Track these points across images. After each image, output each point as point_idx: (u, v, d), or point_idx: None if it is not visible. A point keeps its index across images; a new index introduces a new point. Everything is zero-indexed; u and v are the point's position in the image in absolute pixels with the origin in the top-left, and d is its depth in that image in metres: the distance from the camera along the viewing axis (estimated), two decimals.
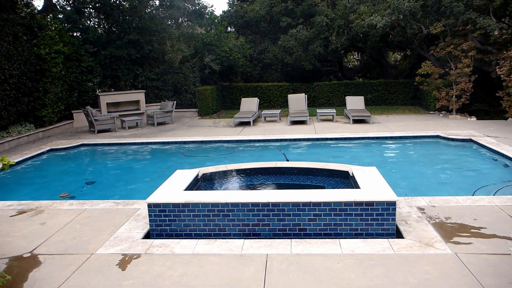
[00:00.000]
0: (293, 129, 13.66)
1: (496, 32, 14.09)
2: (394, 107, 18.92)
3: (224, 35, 20.08)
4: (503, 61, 13.99)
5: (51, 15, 16.99)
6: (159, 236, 5.27)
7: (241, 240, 5.02)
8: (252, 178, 7.44)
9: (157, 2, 21.26)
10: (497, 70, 14.20)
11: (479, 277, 4.00)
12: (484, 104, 16.94)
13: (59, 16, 17.37)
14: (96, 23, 19.49)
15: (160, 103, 17.72)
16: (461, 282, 3.94)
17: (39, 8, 18.82)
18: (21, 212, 6.36)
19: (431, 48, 16.51)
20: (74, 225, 5.77)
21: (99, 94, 16.82)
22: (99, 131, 14.62)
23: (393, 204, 4.94)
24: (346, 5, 18.56)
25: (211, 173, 7.19)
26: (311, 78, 22.25)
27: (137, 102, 17.46)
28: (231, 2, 25.48)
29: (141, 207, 6.30)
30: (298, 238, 5.04)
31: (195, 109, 18.73)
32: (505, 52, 14.08)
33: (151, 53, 18.32)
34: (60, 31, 15.50)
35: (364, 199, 4.94)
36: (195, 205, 5.15)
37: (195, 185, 6.34)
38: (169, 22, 21.24)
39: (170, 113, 16.48)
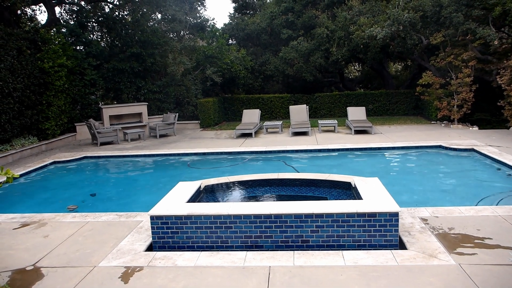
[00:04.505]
0: (295, 140, 13.69)
1: (496, 42, 14.15)
2: (395, 117, 18.95)
3: (226, 47, 20.27)
4: (503, 71, 14.05)
5: (54, 29, 17.21)
6: (162, 248, 5.27)
7: (244, 252, 5.01)
8: (254, 189, 7.44)
9: (159, 16, 21.50)
10: (497, 79, 14.25)
11: None
12: (485, 113, 16.93)
13: (63, 30, 17.59)
14: (99, 37, 19.72)
15: (162, 115, 17.83)
16: None
17: (42, 23, 19.09)
18: (24, 225, 6.38)
19: (431, 58, 16.59)
20: (77, 237, 5.77)
21: (102, 106, 16.94)
22: (102, 144, 14.68)
23: (395, 215, 4.92)
24: (346, 17, 18.73)
25: (213, 185, 7.21)
26: (313, 89, 22.36)
27: (139, 115, 17.57)
28: (232, 15, 25.77)
29: (143, 219, 6.30)
30: (300, 250, 5.03)
31: (197, 121, 18.83)
32: (505, 62, 14.15)
33: (153, 66, 18.49)
34: (63, 45, 15.68)
35: (367, 210, 4.93)
36: (198, 217, 5.15)
37: (197, 197, 6.34)
38: (171, 35, 21.45)
39: (172, 125, 16.57)
